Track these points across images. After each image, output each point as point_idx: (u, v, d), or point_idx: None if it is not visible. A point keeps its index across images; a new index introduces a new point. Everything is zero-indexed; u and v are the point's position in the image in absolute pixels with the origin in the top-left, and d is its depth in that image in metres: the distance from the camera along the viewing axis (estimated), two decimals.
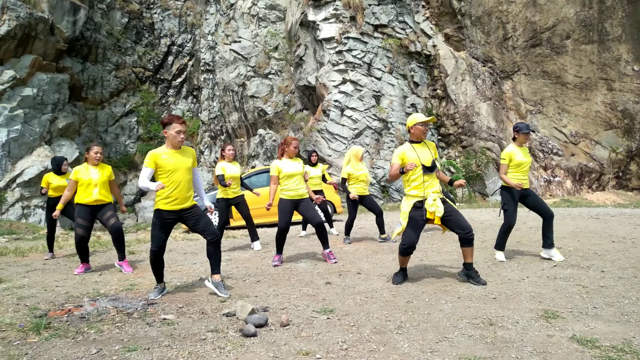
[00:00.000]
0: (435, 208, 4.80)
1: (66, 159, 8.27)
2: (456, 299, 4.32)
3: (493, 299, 4.30)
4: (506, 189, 6.09)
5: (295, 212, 6.52)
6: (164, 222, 4.65)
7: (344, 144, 17.66)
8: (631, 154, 16.99)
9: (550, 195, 17.28)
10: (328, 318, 3.86)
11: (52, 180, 8.03)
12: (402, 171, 4.82)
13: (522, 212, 12.22)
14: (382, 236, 8.29)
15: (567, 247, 6.89)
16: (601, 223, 9.56)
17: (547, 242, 6.10)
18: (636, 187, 17.17)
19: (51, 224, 8.08)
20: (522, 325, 3.55)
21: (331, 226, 9.67)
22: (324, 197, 9.35)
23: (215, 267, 4.86)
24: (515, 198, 6.06)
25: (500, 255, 6.18)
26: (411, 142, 5.06)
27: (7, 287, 5.40)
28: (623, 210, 12.43)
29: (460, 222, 4.87)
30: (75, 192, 6.49)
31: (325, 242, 6.54)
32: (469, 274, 4.97)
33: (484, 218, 11.10)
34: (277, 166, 6.42)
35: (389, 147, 17.82)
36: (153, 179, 4.62)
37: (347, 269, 5.90)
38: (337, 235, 9.35)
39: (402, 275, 5.13)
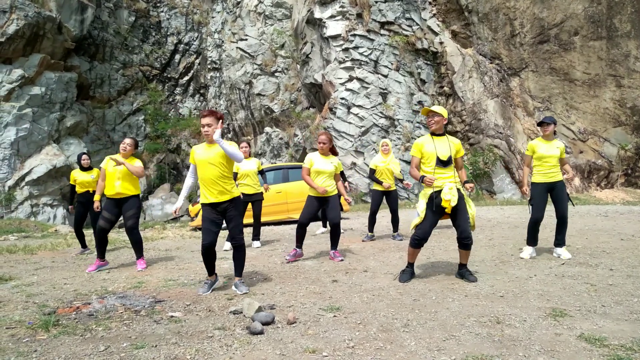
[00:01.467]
0: (451, 196, 4.74)
1: (85, 153, 8.36)
2: (463, 297, 4.30)
3: (500, 297, 4.28)
4: (534, 184, 6.10)
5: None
6: (209, 217, 4.75)
7: (351, 141, 17.65)
8: None
9: None
10: (335, 316, 3.86)
11: (77, 175, 8.23)
12: (422, 181, 4.79)
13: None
14: (393, 233, 8.29)
15: (575, 244, 6.85)
16: (610, 221, 9.49)
17: (555, 241, 6.11)
18: None
19: (80, 221, 8.18)
20: (529, 324, 3.53)
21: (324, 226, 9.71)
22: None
23: (236, 269, 4.95)
24: (542, 192, 6.04)
25: (527, 251, 6.13)
26: (432, 134, 5.01)
27: (17, 285, 5.44)
28: (632, 208, 12.32)
29: (463, 225, 4.82)
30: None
31: (335, 243, 6.55)
32: (461, 272, 5.05)
33: (492, 216, 11.06)
34: (311, 159, 6.43)
35: (396, 145, 17.78)
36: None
37: (353, 267, 5.90)
38: (343, 232, 9.36)
39: (409, 273, 5.11)
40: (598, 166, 17.18)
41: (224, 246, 8.00)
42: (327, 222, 9.76)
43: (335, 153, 8.90)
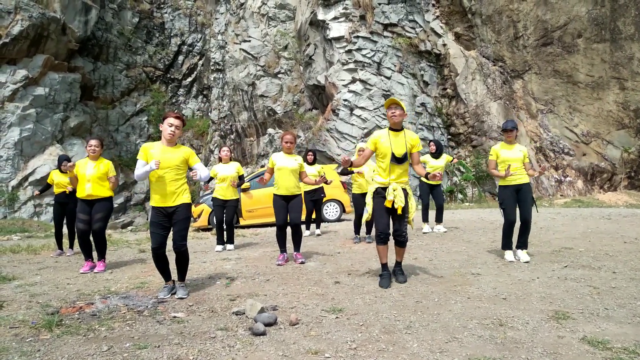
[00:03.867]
0: (394, 197, 4.79)
1: (66, 158, 8.16)
2: (466, 299, 4.30)
3: (503, 299, 4.28)
4: (502, 188, 6.15)
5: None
6: (156, 220, 4.67)
7: (353, 143, 17.64)
8: None
9: (561, 195, 17.15)
10: (337, 317, 3.86)
11: (55, 177, 8.22)
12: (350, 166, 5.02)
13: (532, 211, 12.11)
14: (359, 236, 8.37)
15: (578, 247, 6.83)
16: (613, 224, 9.47)
17: (517, 244, 6.17)
18: None
19: (59, 221, 8.25)
20: (532, 326, 3.53)
21: (317, 227, 9.72)
22: (323, 195, 9.41)
23: (178, 273, 4.89)
24: (511, 195, 6.08)
25: (509, 255, 6.15)
26: (390, 128, 5.01)
27: (20, 285, 5.46)
28: (635, 211, 12.30)
29: (398, 224, 4.94)
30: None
31: (297, 245, 6.58)
32: (394, 270, 5.12)
33: (494, 218, 11.04)
34: (272, 159, 6.50)
35: None
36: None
37: (356, 269, 5.90)
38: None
39: (387, 277, 4.99)
40: (601, 169, 17.15)
41: (215, 248, 8.08)
42: (310, 225, 9.78)
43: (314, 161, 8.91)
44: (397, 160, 4.84)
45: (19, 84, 19.40)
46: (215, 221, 8.26)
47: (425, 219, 9.30)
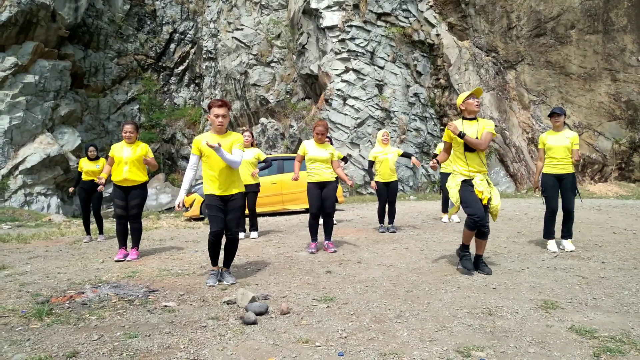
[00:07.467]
0: (483, 188, 4.78)
1: (93, 145, 8.53)
2: (456, 289, 4.33)
3: (493, 289, 4.32)
4: (545, 175, 6.13)
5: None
6: (211, 203, 4.72)
7: (346, 133, 17.62)
8: (634, 146, 16.94)
9: None
10: (328, 306, 3.88)
11: (83, 165, 8.40)
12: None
13: (524, 202, 12.22)
14: (388, 225, 8.26)
15: None
16: (603, 214, 9.55)
17: (561, 234, 6.15)
18: (639, 178, 17.14)
19: (85, 207, 8.48)
20: (521, 315, 3.56)
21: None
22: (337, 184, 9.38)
23: (225, 260, 4.93)
24: (553, 183, 6.05)
25: (552, 245, 6.09)
26: (464, 118, 5.02)
27: (10, 274, 5.43)
28: (625, 202, 12.42)
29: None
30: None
31: (328, 234, 6.59)
32: (476, 263, 5.02)
33: None
34: (304, 147, 6.48)
35: (392, 137, 17.75)
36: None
37: (347, 258, 5.92)
38: (335, 224, 9.36)
39: (468, 258, 5.00)
40: (592, 160, 17.27)
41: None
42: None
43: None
44: (468, 148, 4.82)
45: (8, 72, 19.14)
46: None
47: (445, 209, 9.21)
